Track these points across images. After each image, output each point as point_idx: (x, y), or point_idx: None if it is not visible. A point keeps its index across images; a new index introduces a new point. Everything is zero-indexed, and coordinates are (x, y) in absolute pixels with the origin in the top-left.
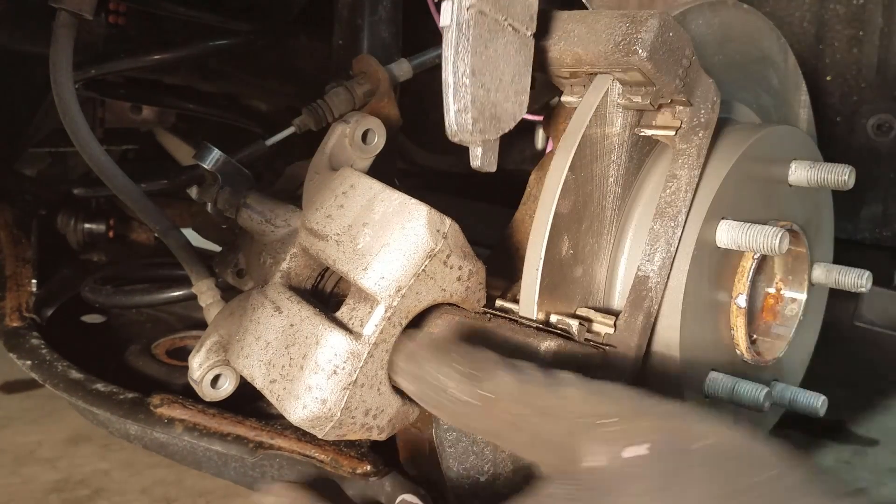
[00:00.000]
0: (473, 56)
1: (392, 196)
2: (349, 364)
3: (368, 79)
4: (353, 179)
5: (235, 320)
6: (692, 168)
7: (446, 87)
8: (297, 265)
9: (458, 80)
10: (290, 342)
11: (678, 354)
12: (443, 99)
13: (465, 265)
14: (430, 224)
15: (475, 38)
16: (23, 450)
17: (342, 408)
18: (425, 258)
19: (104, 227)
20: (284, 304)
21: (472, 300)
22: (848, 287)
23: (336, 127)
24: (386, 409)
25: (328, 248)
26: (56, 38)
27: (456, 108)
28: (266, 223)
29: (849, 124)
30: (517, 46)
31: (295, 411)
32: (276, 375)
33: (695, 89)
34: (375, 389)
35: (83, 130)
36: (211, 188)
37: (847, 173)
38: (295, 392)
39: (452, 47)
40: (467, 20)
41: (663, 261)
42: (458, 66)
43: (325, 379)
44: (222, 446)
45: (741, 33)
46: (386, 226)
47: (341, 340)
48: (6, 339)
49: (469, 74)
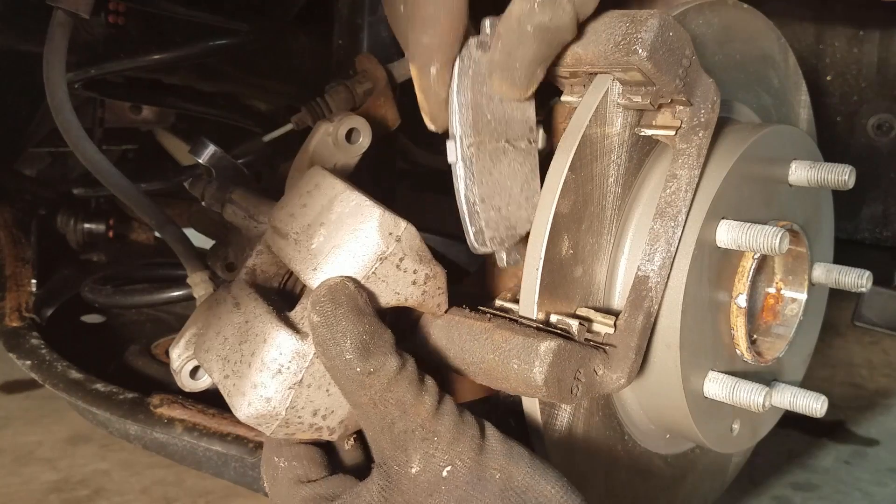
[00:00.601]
0: (480, 186)
1: (350, 197)
2: (294, 364)
3: (368, 77)
4: (318, 179)
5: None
6: (692, 168)
7: (462, 213)
8: (263, 262)
9: (470, 208)
10: (244, 339)
11: (678, 354)
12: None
13: (421, 269)
14: (382, 226)
15: (479, 170)
16: (23, 450)
17: (287, 407)
18: (375, 261)
19: (104, 227)
20: (243, 300)
21: (431, 304)
22: (848, 287)
23: (320, 125)
24: (336, 410)
25: (287, 247)
26: (51, 36)
27: (473, 231)
28: (249, 219)
29: (849, 124)
30: (521, 160)
31: (241, 408)
32: (229, 371)
33: (695, 89)
34: (324, 390)
35: (75, 128)
36: (201, 182)
37: (847, 173)
38: (242, 389)
39: (461, 180)
40: (469, 156)
41: (663, 261)
42: (469, 197)
43: (271, 377)
44: (222, 446)
45: (741, 33)
46: (340, 227)
47: (287, 339)
48: (6, 339)
49: (479, 202)
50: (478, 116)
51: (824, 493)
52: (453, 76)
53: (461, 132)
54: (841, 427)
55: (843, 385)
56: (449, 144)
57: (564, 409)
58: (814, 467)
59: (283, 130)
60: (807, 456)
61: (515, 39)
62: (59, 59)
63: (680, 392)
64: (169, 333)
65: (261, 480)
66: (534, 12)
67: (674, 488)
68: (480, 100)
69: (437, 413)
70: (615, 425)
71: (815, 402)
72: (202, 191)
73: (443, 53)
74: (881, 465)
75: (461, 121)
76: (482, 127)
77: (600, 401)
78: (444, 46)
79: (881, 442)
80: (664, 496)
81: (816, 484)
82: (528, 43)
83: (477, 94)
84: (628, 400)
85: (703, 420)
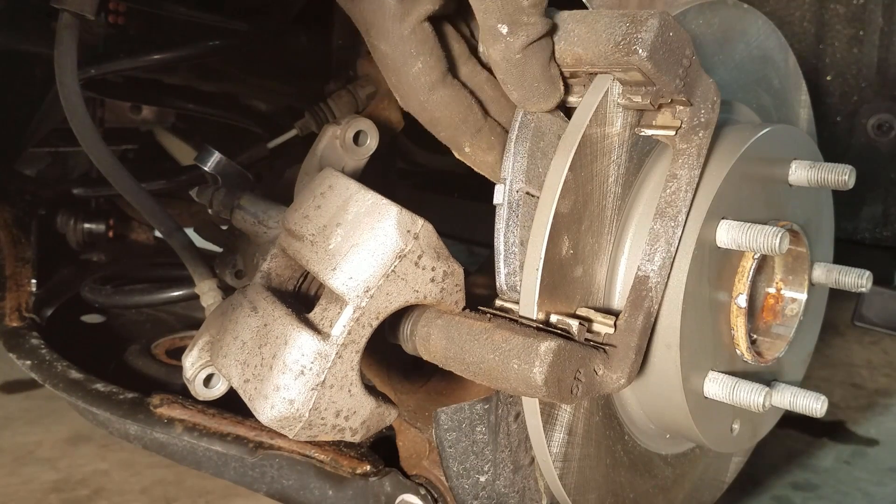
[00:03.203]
0: (522, 229)
1: (366, 196)
2: (317, 364)
3: (371, 81)
4: (331, 180)
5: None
6: (692, 168)
7: (497, 253)
8: (278, 266)
9: (508, 249)
10: (263, 342)
11: (678, 354)
12: (494, 261)
13: (439, 266)
14: (401, 224)
15: (524, 214)
16: (23, 450)
17: (310, 408)
18: (395, 259)
19: (104, 227)
20: (261, 304)
21: (449, 302)
22: (848, 287)
23: (327, 128)
24: (358, 410)
25: (303, 249)
26: (60, 39)
27: (506, 272)
28: (259, 224)
29: (849, 124)
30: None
31: (264, 411)
32: (249, 375)
33: (695, 89)
34: (346, 390)
35: (90, 132)
36: (209, 190)
37: (847, 173)
38: (264, 392)
39: (504, 221)
40: (517, 200)
41: (663, 261)
42: (509, 238)
43: (293, 379)
44: (222, 446)
45: (741, 33)
46: (357, 226)
47: (309, 341)
48: (6, 339)
49: (518, 244)
50: (531, 166)
51: (824, 493)
52: (514, 126)
53: (512, 178)
54: (841, 427)
55: (843, 385)
56: (498, 187)
57: (564, 409)
58: (814, 467)
59: (287, 136)
60: (807, 456)
61: (516, 72)
62: (70, 61)
63: (680, 392)
64: (169, 333)
65: (261, 480)
66: (511, 47)
67: (674, 488)
68: (536, 152)
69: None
70: (615, 425)
71: (815, 402)
72: (210, 198)
73: (462, 135)
74: (881, 465)
75: (514, 167)
76: (532, 178)
77: (600, 401)
78: (459, 131)
79: (881, 442)
80: (664, 496)
81: (816, 484)
82: (527, 64)
83: (534, 147)
84: (628, 400)
85: (703, 420)
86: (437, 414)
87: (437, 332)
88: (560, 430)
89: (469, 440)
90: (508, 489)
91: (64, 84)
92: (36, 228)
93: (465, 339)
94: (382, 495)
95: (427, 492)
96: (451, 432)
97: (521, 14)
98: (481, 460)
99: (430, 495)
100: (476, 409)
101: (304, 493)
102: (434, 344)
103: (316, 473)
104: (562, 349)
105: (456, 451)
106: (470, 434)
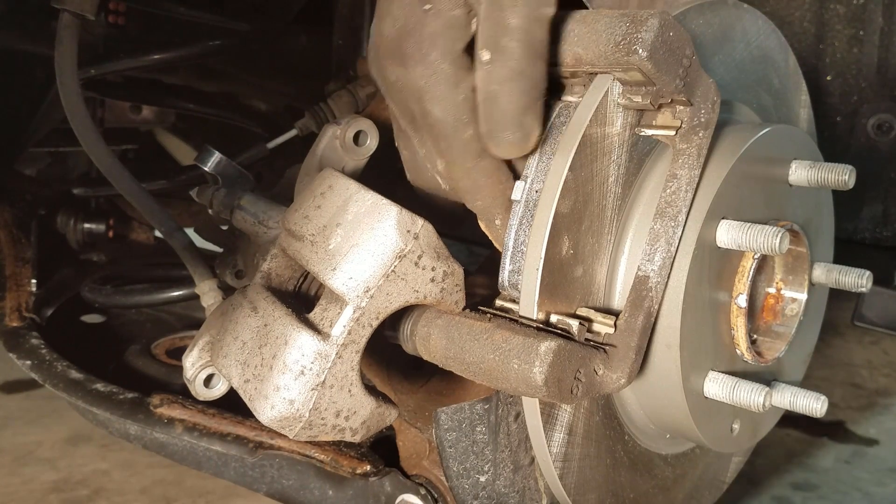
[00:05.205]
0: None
1: (366, 196)
2: (317, 365)
3: (371, 81)
4: (331, 180)
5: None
6: (692, 168)
7: (506, 248)
8: (278, 266)
9: (516, 247)
10: (263, 342)
11: (678, 354)
12: (501, 258)
13: (439, 266)
14: (400, 224)
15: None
16: (23, 450)
17: (310, 409)
18: (395, 259)
19: (104, 227)
20: (261, 304)
21: (449, 302)
22: (848, 287)
23: (327, 128)
24: (358, 410)
25: (303, 249)
26: (60, 39)
27: (510, 269)
28: (259, 224)
29: (849, 124)
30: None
31: (264, 411)
32: (249, 375)
33: (695, 89)
34: (346, 391)
35: (90, 132)
36: (209, 190)
37: (847, 173)
38: (264, 392)
39: (518, 218)
40: (534, 199)
41: (663, 261)
42: (520, 236)
43: (293, 379)
44: (222, 446)
45: (741, 33)
46: (357, 226)
47: (309, 341)
48: (6, 339)
49: (527, 243)
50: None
51: (824, 493)
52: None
53: (534, 177)
54: (841, 427)
55: (843, 385)
56: (518, 184)
57: (564, 409)
58: (814, 467)
59: (287, 136)
60: (807, 456)
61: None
62: (70, 62)
63: (680, 392)
64: (169, 333)
65: (261, 480)
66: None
67: (674, 488)
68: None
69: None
70: (615, 425)
71: (815, 402)
72: (210, 198)
73: (499, 206)
74: (881, 465)
75: (538, 167)
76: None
77: (600, 401)
78: (496, 202)
79: (881, 442)
80: (664, 496)
81: (816, 484)
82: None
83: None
84: (628, 400)
85: (703, 420)
86: (437, 414)
87: (437, 332)
88: (560, 430)
89: (469, 440)
90: (508, 489)
91: (64, 84)
92: (36, 228)
93: (465, 338)
94: (382, 495)
95: (427, 492)
96: (451, 432)
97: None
98: (481, 460)
99: (430, 495)
100: (476, 409)
101: (304, 493)
102: (434, 344)
103: (316, 473)
104: (562, 349)
105: (456, 451)
106: (470, 434)
